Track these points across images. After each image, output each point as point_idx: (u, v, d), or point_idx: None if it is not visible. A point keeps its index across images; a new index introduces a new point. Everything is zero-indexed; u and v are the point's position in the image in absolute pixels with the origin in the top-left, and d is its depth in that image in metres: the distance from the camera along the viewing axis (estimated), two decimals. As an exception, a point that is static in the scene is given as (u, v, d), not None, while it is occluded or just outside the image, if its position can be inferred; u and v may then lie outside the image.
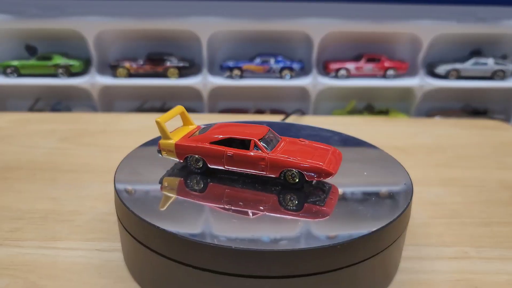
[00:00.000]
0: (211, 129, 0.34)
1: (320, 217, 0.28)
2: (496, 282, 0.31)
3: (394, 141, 0.59)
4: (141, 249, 0.28)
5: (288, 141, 0.34)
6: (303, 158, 0.31)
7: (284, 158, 0.31)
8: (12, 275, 0.31)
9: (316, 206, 0.29)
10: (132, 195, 0.30)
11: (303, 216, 0.28)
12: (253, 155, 0.31)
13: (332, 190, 0.31)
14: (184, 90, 1.24)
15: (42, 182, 0.45)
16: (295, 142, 0.34)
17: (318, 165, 0.30)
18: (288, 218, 0.27)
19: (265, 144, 0.32)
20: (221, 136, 0.32)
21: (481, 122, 0.68)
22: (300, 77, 1.24)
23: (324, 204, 0.29)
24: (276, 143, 0.33)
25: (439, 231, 0.38)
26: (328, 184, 0.32)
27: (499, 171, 0.50)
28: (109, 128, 0.62)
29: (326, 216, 0.28)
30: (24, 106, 1.28)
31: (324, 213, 0.28)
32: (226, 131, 0.33)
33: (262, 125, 0.34)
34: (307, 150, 0.32)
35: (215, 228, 0.27)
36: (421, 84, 1.24)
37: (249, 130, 0.33)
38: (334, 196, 0.30)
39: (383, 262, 0.28)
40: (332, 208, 0.29)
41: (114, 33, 1.23)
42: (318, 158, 0.31)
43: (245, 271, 0.25)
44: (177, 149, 0.33)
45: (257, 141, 0.31)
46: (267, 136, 0.33)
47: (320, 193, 0.31)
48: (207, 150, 0.32)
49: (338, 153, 0.33)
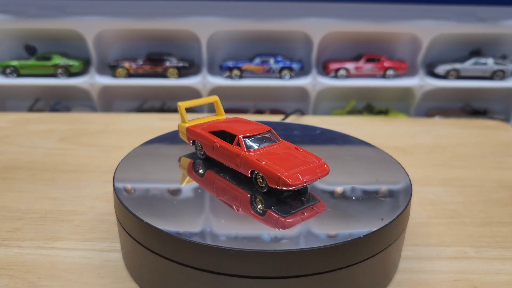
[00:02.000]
0: (221, 121, 0.36)
1: (276, 227, 0.26)
2: (496, 282, 0.31)
3: (394, 141, 0.59)
4: (140, 249, 0.28)
5: (282, 145, 0.32)
6: (272, 163, 0.29)
7: (253, 159, 0.30)
8: (12, 275, 0.31)
9: (278, 215, 0.27)
10: (131, 195, 0.30)
11: (262, 221, 0.27)
12: (231, 150, 0.32)
13: (314, 206, 0.28)
14: (184, 90, 1.24)
15: (42, 182, 0.45)
16: (288, 147, 0.32)
17: (276, 172, 0.28)
18: (246, 219, 0.27)
19: (252, 143, 0.31)
20: (217, 128, 0.34)
21: (481, 122, 0.68)
22: (299, 77, 1.24)
23: (287, 216, 0.27)
24: (267, 145, 0.32)
25: (439, 231, 0.38)
26: (316, 200, 0.29)
27: (499, 171, 0.50)
28: (108, 128, 0.62)
29: (284, 228, 0.26)
30: (23, 106, 1.29)
31: (282, 224, 0.27)
32: (224, 124, 0.34)
33: (264, 125, 0.34)
34: (289, 157, 0.30)
35: (213, 228, 0.27)
36: (421, 84, 1.24)
37: (245, 127, 0.33)
38: (309, 212, 0.28)
39: (382, 262, 0.28)
40: (294, 224, 0.27)
41: (113, 33, 1.23)
42: (288, 166, 0.29)
43: (244, 272, 0.25)
44: (187, 132, 0.36)
45: (240, 138, 0.31)
46: (259, 135, 0.32)
47: (296, 204, 0.29)
48: (204, 138, 0.34)
49: (323, 169, 0.30)
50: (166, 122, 0.65)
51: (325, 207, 0.28)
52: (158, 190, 0.31)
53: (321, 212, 0.28)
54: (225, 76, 1.21)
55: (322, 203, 0.29)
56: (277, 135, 0.33)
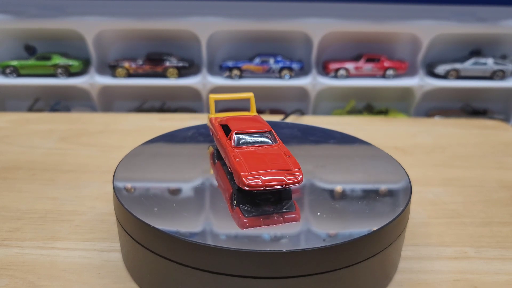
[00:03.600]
0: (234, 116, 0.37)
1: (234, 223, 0.27)
2: (496, 282, 0.31)
3: (394, 141, 0.59)
4: (140, 249, 0.28)
5: (272, 148, 0.31)
6: (244, 162, 0.29)
7: (231, 154, 0.30)
8: (11, 275, 0.31)
9: (241, 214, 0.27)
10: (130, 195, 0.30)
11: (225, 215, 0.28)
12: (223, 143, 0.32)
13: (285, 215, 0.27)
14: (184, 90, 1.24)
15: (41, 182, 0.45)
16: (277, 151, 0.31)
17: (239, 171, 0.28)
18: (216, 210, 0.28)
19: (244, 140, 0.32)
20: (225, 122, 0.35)
21: (481, 122, 0.68)
22: (299, 77, 1.24)
23: (248, 216, 0.27)
24: (258, 144, 0.32)
25: (439, 231, 0.38)
26: (293, 209, 0.28)
27: (498, 171, 0.50)
28: (108, 128, 0.62)
29: (241, 227, 0.26)
30: (23, 106, 1.28)
31: (240, 223, 0.27)
32: (231, 118, 0.35)
33: (267, 126, 0.33)
34: (266, 160, 0.29)
35: (213, 228, 0.27)
36: (421, 84, 1.24)
37: (245, 124, 0.33)
38: (274, 220, 0.27)
39: (382, 262, 0.28)
40: (251, 226, 0.26)
41: (113, 33, 1.23)
42: (255, 168, 0.28)
43: (244, 272, 0.25)
44: (209, 122, 0.38)
45: (233, 133, 0.32)
46: (254, 134, 0.32)
47: (269, 208, 0.28)
48: (214, 129, 0.36)
49: (294, 177, 0.28)
50: (166, 122, 0.65)
51: (296, 219, 0.27)
52: (158, 190, 0.31)
53: (286, 222, 0.27)
54: (225, 76, 1.21)
55: (297, 215, 0.28)
56: (276, 137, 0.33)
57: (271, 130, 0.33)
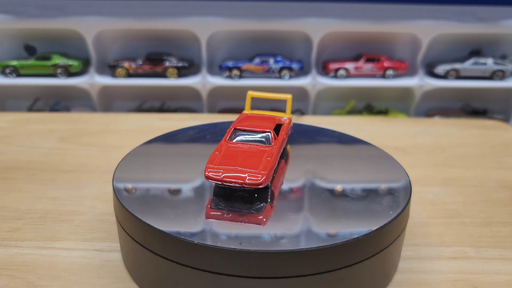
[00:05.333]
0: (253, 114, 0.38)
1: (199, 212, 0.28)
2: (496, 282, 0.31)
3: (393, 141, 0.59)
4: (140, 250, 0.27)
5: (260, 148, 0.31)
6: (220, 156, 0.30)
7: (217, 148, 0.31)
8: (11, 275, 0.31)
9: (210, 205, 0.29)
10: (130, 196, 0.30)
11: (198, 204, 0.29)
12: (224, 137, 0.33)
13: (249, 215, 0.27)
14: (183, 90, 1.24)
15: (41, 182, 0.45)
16: (261, 151, 0.31)
17: (208, 162, 0.29)
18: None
19: (240, 137, 0.32)
20: (241, 119, 0.35)
21: (481, 122, 0.68)
22: (299, 77, 1.24)
23: (214, 207, 0.28)
24: (252, 142, 0.32)
25: (439, 231, 0.38)
26: (260, 210, 0.28)
27: (498, 171, 0.50)
28: (108, 128, 0.62)
29: (205, 216, 0.27)
30: (23, 106, 1.28)
31: (204, 212, 0.28)
32: (245, 116, 0.36)
33: (270, 127, 0.33)
34: (240, 157, 0.30)
35: (213, 228, 0.27)
36: (421, 84, 1.24)
37: (250, 122, 0.34)
38: (237, 216, 0.27)
39: (382, 262, 0.28)
40: (211, 218, 0.27)
41: (113, 33, 1.23)
42: (223, 163, 0.29)
43: (244, 272, 0.25)
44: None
45: (232, 129, 0.33)
46: (252, 132, 0.32)
47: (238, 204, 0.28)
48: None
49: (253, 178, 0.28)
50: (166, 122, 0.65)
51: (259, 222, 0.27)
52: (157, 190, 0.31)
53: (247, 223, 0.27)
54: (225, 76, 1.21)
55: (262, 218, 0.27)
56: (273, 139, 0.32)
57: (271, 131, 0.33)
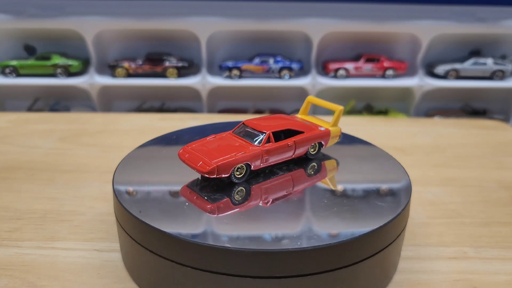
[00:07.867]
0: (286, 117, 0.39)
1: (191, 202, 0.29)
2: (495, 282, 0.31)
3: (393, 141, 0.59)
4: (139, 250, 0.27)
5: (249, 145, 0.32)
6: (206, 141, 0.33)
7: (219, 134, 0.35)
8: (11, 275, 0.31)
9: (187, 186, 0.31)
10: (130, 196, 0.30)
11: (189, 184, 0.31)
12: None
13: (220, 203, 0.29)
14: (183, 90, 1.24)
15: (41, 182, 0.45)
16: (243, 147, 0.32)
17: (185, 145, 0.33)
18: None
19: (243, 132, 0.34)
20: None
21: (480, 122, 0.68)
22: (299, 77, 1.24)
23: (190, 189, 0.31)
24: (244, 139, 0.34)
25: (438, 231, 0.38)
26: (215, 204, 0.29)
27: (498, 171, 0.50)
28: (108, 128, 0.62)
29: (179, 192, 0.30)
30: (22, 106, 1.28)
31: (181, 189, 0.30)
32: (272, 116, 0.38)
33: (266, 128, 0.33)
34: (217, 146, 0.33)
35: (213, 229, 0.27)
36: (420, 84, 1.24)
37: (263, 122, 0.35)
38: (202, 198, 0.29)
39: (382, 261, 0.28)
40: (184, 196, 0.30)
41: (113, 33, 1.23)
42: (201, 148, 0.32)
43: (244, 272, 0.25)
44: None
45: (241, 124, 0.35)
46: (252, 130, 0.34)
47: (209, 192, 0.30)
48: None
49: (204, 166, 0.30)
50: (166, 122, 0.65)
51: (205, 209, 0.28)
52: (157, 191, 0.31)
53: (204, 210, 0.28)
54: (225, 76, 1.21)
55: (209, 207, 0.29)
56: (263, 141, 0.32)
57: (267, 133, 0.32)
